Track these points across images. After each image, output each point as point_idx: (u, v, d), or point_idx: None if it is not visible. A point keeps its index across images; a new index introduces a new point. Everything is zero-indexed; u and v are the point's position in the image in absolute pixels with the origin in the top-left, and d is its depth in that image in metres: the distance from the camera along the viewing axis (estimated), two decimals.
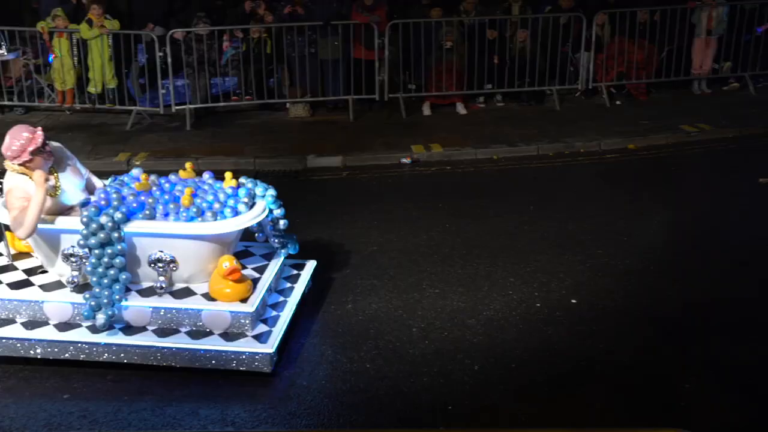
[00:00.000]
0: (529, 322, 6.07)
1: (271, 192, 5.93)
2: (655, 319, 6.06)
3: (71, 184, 5.63)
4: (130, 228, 5.43)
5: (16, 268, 5.94)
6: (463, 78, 11.58)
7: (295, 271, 6.31)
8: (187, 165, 6.13)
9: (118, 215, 5.36)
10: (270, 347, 5.34)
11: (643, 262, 6.95)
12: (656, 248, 7.23)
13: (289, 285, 6.12)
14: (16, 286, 5.69)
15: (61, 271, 5.71)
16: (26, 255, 6.07)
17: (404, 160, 9.88)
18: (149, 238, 5.52)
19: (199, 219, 5.51)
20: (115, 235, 5.35)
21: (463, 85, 11.63)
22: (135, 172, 6.01)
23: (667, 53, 11.98)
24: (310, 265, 6.45)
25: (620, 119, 11.15)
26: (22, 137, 5.31)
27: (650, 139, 10.40)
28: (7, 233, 6.07)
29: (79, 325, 5.50)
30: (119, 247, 5.37)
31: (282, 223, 6.04)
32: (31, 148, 5.31)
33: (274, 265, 6.03)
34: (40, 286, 5.68)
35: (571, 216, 7.97)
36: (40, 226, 5.35)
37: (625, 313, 6.14)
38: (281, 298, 5.93)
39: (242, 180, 5.95)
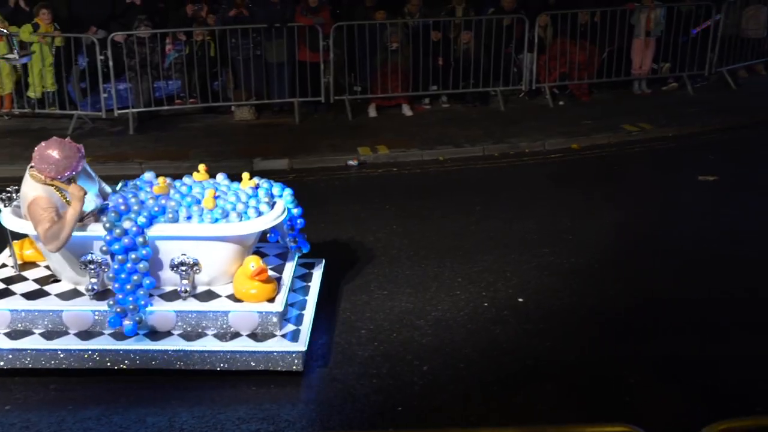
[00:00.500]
0: (476, 321, 6.11)
1: (288, 191, 5.98)
2: (601, 317, 6.15)
3: (88, 190, 5.49)
4: (153, 232, 5.39)
5: (26, 279, 5.79)
6: (409, 79, 11.63)
7: (306, 270, 6.32)
8: (201, 167, 6.07)
9: (141, 219, 5.34)
10: (302, 345, 5.36)
11: (589, 261, 7.06)
12: (601, 247, 7.34)
13: (303, 284, 6.13)
14: (31, 296, 5.55)
15: (77, 279, 5.61)
16: (32, 265, 5.93)
17: (351, 162, 9.88)
18: (173, 241, 5.47)
19: (223, 220, 5.51)
20: (140, 239, 5.30)
21: (409, 87, 11.68)
22: (147, 176, 5.98)
23: (607, 54, 12.18)
24: (320, 263, 6.46)
25: (563, 119, 11.31)
26: (73, 156, 5.27)
27: (593, 139, 10.56)
28: (14, 244, 5.90)
29: (101, 333, 5.41)
30: (144, 251, 5.31)
31: (299, 222, 6.07)
32: (78, 170, 5.29)
33: (291, 264, 6.03)
34: (56, 295, 5.54)
35: (517, 216, 8.05)
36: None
37: (572, 312, 6.23)
38: (300, 297, 5.93)
39: (257, 180, 5.97)
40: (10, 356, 5.33)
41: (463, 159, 10.04)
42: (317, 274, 6.30)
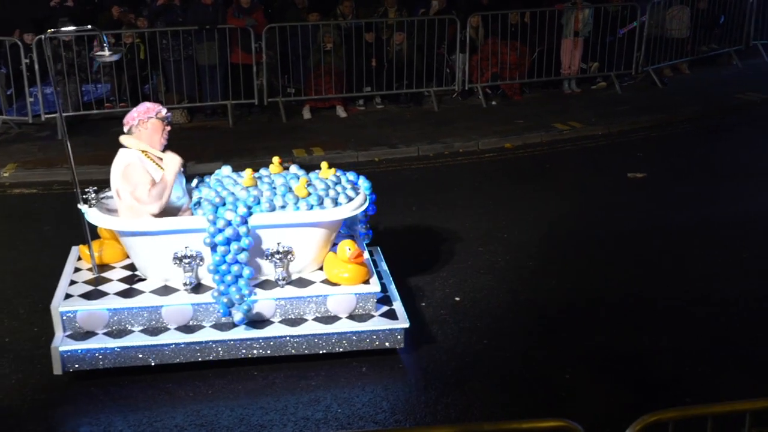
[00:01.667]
0: (414, 321, 6.13)
1: (363, 178, 6.06)
2: (537, 313, 6.24)
3: (178, 183, 5.61)
4: (253, 222, 5.42)
5: (109, 279, 5.72)
6: (342, 81, 11.63)
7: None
8: (275, 159, 6.08)
9: (242, 210, 5.37)
10: (405, 322, 5.54)
11: (523, 259, 7.15)
12: (535, 244, 7.45)
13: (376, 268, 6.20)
14: (124, 295, 5.49)
15: (166, 275, 5.59)
16: (107, 267, 5.87)
17: (286, 165, 9.79)
18: (270, 230, 5.52)
19: (317, 207, 5.58)
20: (243, 229, 5.32)
21: (343, 88, 11.68)
22: (225, 170, 5.97)
23: (537, 54, 12.37)
24: (377, 250, 6.56)
25: (496, 119, 11.45)
26: (144, 105, 5.57)
27: (525, 138, 10.72)
28: (93, 244, 5.84)
29: (202, 326, 5.44)
30: (246, 241, 5.33)
31: (371, 209, 6.16)
32: (155, 112, 5.52)
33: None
34: (150, 292, 5.51)
35: (453, 215, 8.12)
36: (152, 229, 5.36)
37: (508, 309, 6.31)
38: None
39: (335, 170, 6.04)
40: (116, 355, 5.31)
41: (398, 160, 10.09)
42: (379, 258, 6.43)
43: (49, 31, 5.94)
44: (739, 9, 13.96)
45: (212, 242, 5.31)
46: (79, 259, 5.98)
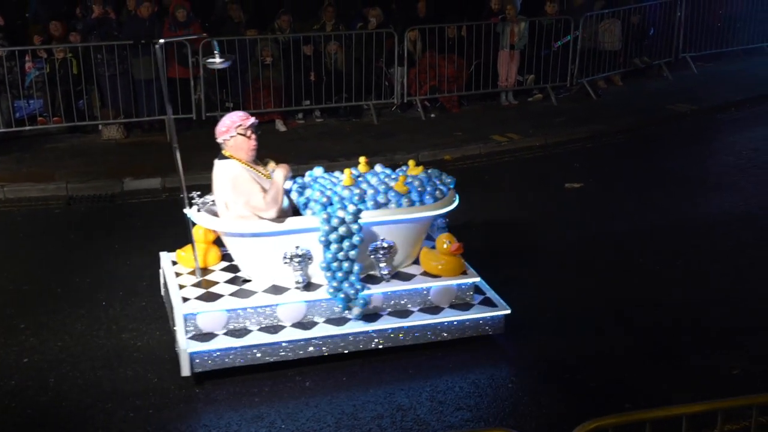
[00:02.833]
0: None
1: (445, 174, 6.27)
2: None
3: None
4: (365, 219, 5.63)
5: (216, 282, 5.88)
6: (281, 95, 11.59)
7: None
8: (362, 159, 6.33)
9: (351, 208, 5.57)
10: (506, 308, 5.93)
11: None
12: (473, 254, 7.49)
13: None
14: (239, 295, 5.65)
15: (274, 275, 5.76)
16: (206, 270, 6.01)
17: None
18: (377, 226, 5.77)
19: (418, 203, 5.85)
20: (355, 227, 5.54)
21: (282, 102, 11.64)
22: (317, 171, 6.18)
23: (475, 67, 12.51)
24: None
25: (435, 131, 11.53)
26: (230, 118, 5.76)
27: (464, 150, 10.81)
28: (185, 249, 6.02)
29: (315, 323, 5.64)
30: (358, 238, 5.55)
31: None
32: (246, 124, 5.68)
33: None
34: (263, 292, 5.69)
35: None
36: (265, 230, 5.55)
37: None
38: None
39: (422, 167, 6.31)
40: (238, 354, 5.47)
41: None
42: None
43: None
44: (668, 23, 14.33)
45: (326, 240, 5.53)
46: (174, 263, 6.12)
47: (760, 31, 15.52)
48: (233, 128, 5.68)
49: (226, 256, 6.17)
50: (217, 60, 5.87)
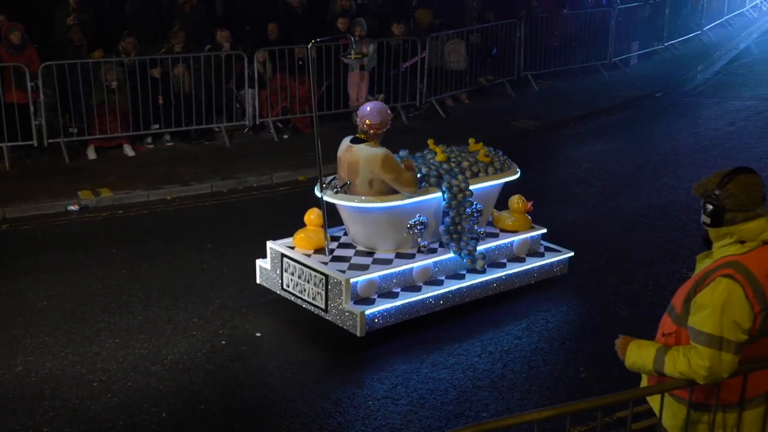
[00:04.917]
0: (215, 360, 6.04)
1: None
2: (339, 344, 6.32)
3: None
4: (474, 186, 6.72)
5: (348, 257, 6.61)
6: (129, 119, 11.27)
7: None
8: (430, 141, 7.28)
9: (461, 177, 6.69)
10: (568, 251, 7.30)
11: None
12: None
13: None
14: (382, 263, 6.47)
15: (397, 243, 6.64)
16: (321, 251, 6.67)
17: (71, 208, 9.38)
18: (477, 192, 6.73)
19: (498, 171, 6.98)
20: (468, 193, 6.62)
21: (129, 126, 11.31)
22: (402, 153, 6.92)
23: (325, 88, 12.60)
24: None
25: (289, 152, 11.51)
26: (387, 112, 6.63)
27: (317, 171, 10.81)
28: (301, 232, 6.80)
29: (442, 280, 6.62)
30: (473, 203, 6.61)
31: None
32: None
33: None
34: (397, 258, 6.54)
35: (252, 250, 8.00)
36: (398, 203, 6.44)
37: (302, 342, 6.33)
38: None
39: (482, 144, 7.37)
40: (399, 312, 6.33)
41: (191, 197, 9.90)
42: None
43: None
44: (510, 43, 14.93)
45: (450, 206, 6.56)
46: (292, 247, 6.77)
47: (594, 51, 16.47)
48: (389, 122, 6.53)
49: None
50: (351, 56, 6.85)
